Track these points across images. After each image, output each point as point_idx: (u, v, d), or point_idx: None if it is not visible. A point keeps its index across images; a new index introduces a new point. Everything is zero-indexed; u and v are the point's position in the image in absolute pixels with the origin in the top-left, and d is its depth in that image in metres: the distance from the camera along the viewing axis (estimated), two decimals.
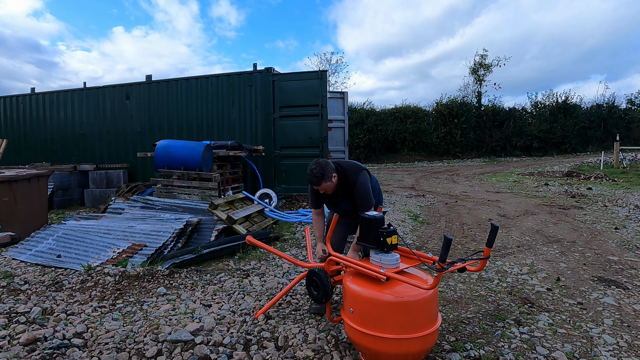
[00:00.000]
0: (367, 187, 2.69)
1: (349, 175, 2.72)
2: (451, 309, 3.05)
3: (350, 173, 2.72)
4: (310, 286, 2.51)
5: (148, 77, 9.21)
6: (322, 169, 2.61)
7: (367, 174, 2.78)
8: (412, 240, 5.22)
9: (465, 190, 10.82)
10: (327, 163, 2.65)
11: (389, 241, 2.13)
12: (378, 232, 2.14)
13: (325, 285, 2.37)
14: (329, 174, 2.64)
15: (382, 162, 24.21)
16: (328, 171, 2.64)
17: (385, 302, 1.96)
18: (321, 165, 2.62)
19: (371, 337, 1.99)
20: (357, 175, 2.70)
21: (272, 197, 7.39)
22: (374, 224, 2.16)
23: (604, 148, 21.14)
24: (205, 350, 2.31)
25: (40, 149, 10.45)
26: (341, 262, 2.35)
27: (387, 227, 2.18)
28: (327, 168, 2.63)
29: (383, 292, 1.98)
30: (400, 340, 1.94)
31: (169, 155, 6.61)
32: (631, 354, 2.37)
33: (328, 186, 2.67)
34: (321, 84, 7.71)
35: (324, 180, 2.63)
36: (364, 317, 2.02)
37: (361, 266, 2.17)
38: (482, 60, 27.04)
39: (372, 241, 2.17)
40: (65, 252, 4.33)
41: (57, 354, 2.28)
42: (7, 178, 5.07)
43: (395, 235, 2.17)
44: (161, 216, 5.29)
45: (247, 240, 3.05)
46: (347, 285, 2.15)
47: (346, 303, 2.17)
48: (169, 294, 3.29)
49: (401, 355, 1.98)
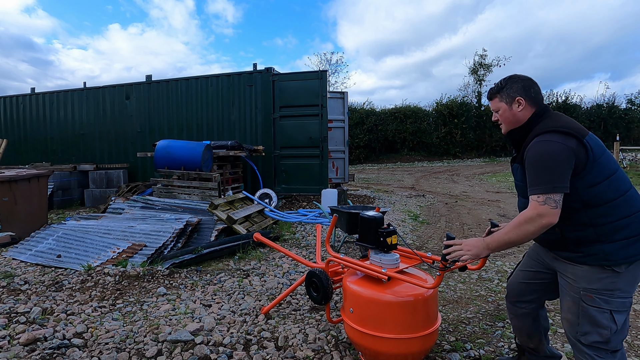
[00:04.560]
0: (548, 155, 1.52)
1: (538, 127, 1.64)
2: (451, 309, 3.05)
3: (542, 126, 1.63)
4: (310, 287, 2.51)
5: (148, 77, 9.22)
6: (506, 80, 1.76)
7: (572, 139, 1.54)
8: (412, 240, 5.22)
9: (465, 190, 10.83)
10: (528, 81, 1.73)
11: (389, 241, 2.12)
12: (378, 232, 2.14)
13: (325, 287, 2.37)
14: (509, 91, 1.73)
15: (382, 162, 24.21)
16: (513, 88, 1.73)
17: (386, 302, 1.96)
18: (511, 77, 1.76)
19: (371, 337, 1.99)
20: (545, 133, 1.58)
21: (272, 197, 7.39)
22: (373, 223, 2.16)
23: None
24: (205, 350, 2.31)
25: (40, 149, 10.46)
26: (341, 262, 2.35)
27: (386, 227, 2.18)
28: (515, 83, 1.73)
29: (383, 292, 1.98)
30: (401, 340, 1.94)
31: (169, 155, 6.61)
32: (631, 354, 2.37)
33: (502, 112, 1.77)
34: (321, 84, 7.71)
35: (498, 96, 1.78)
36: (364, 317, 2.02)
37: (362, 266, 2.17)
38: (481, 60, 27.06)
39: (372, 241, 2.16)
40: (65, 252, 4.33)
41: (57, 354, 2.28)
42: (7, 178, 5.07)
43: (395, 235, 2.17)
44: (161, 216, 5.29)
45: (255, 238, 3.14)
46: (347, 285, 2.15)
47: (346, 303, 2.17)
48: (169, 294, 3.29)
49: (401, 355, 1.99)
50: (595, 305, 1.56)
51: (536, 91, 1.74)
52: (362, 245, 2.24)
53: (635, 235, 1.53)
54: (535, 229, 1.50)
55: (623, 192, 1.55)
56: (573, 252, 1.62)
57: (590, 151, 1.52)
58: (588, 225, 1.56)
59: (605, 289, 1.54)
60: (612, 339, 1.55)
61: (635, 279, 1.57)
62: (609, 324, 1.54)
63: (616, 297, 1.54)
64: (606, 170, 1.54)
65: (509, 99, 1.75)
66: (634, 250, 1.52)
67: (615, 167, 1.57)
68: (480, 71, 27.08)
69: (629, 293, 1.56)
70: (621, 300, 1.54)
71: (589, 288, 1.58)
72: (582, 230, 1.57)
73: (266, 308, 2.88)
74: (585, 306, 1.58)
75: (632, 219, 1.54)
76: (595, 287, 1.56)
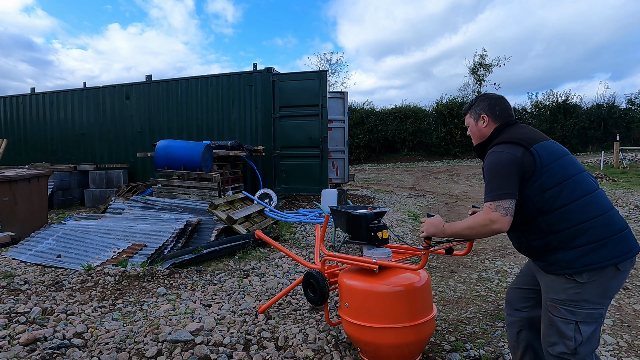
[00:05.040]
0: (496, 165, 1.60)
1: (495, 140, 1.74)
2: (451, 309, 3.05)
3: (497, 139, 1.73)
4: (307, 288, 2.53)
5: (148, 77, 9.22)
6: (477, 98, 1.90)
7: (522, 149, 1.60)
8: (412, 240, 5.22)
9: (465, 190, 10.82)
10: (494, 100, 1.84)
11: (380, 235, 2.19)
12: (368, 228, 2.20)
13: (322, 287, 2.39)
14: (477, 109, 1.86)
15: (382, 162, 24.21)
16: (480, 106, 1.85)
17: (378, 292, 2.00)
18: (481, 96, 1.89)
19: (367, 329, 2.00)
20: (496, 144, 1.69)
21: (272, 197, 7.39)
22: (364, 220, 2.21)
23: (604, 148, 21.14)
24: (205, 350, 2.31)
25: (40, 149, 10.45)
26: (334, 259, 2.39)
27: (376, 222, 2.24)
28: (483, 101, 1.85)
29: (376, 283, 2.03)
30: (395, 330, 1.95)
31: (169, 155, 6.61)
32: (631, 354, 2.37)
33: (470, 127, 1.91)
34: (321, 84, 7.71)
35: (468, 113, 1.91)
36: (359, 310, 2.05)
37: (354, 260, 2.22)
38: (481, 60, 27.06)
39: (363, 237, 2.21)
40: (65, 252, 4.33)
41: (57, 354, 2.28)
42: (7, 178, 5.07)
43: (386, 229, 2.23)
44: (161, 216, 5.29)
45: (256, 235, 3.19)
46: (342, 281, 2.18)
47: (342, 300, 2.19)
48: (169, 294, 3.29)
49: (397, 345, 1.99)
50: (560, 316, 1.55)
51: (502, 109, 1.81)
52: (355, 242, 2.28)
53: (595, 241, 1.50)
54: (486, 233, 1.58)
55: (578, 198, 1.54)
56: (541, 260, 1.63)
57: (538, 158, 1.56)
58: (547, 232, 1.57)
59: (570, 299, 1.53)
60: (578, 350, 1.53)
61: (605, 290, 1.52)
62: (573, 334, 1.52)
63: (582, 309, 1.51)
64: (558, 176, 1.55)
65: (475, 116, 1.86)
66: (596, 258, 1.48)
67: (571, 172, 1.58)
68: (480, 71, 27.11)
69: (598, 305, 1.52)
70: (588, 311, 1.51)
71: (554, 298, 1.58)
72: (543, 238, 1.59)
73: (263, 307, 2.88)
74: (551, 317, 1.59)
75: (591, 224, 1.51)
76: (560, 297, 1.56)
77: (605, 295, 1.53)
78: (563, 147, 1.70)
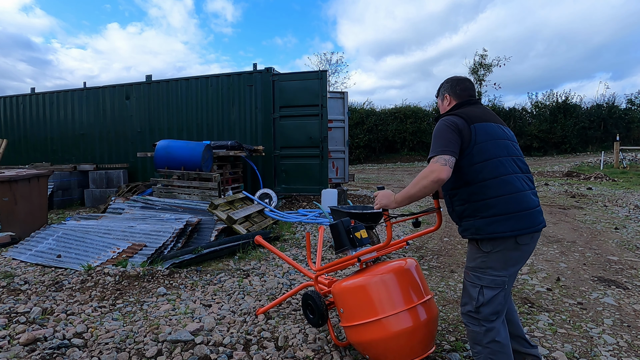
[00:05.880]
0: (439, 131, 1.82)
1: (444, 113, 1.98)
2: (451, 309, 3.05)
3: (450, 111, 1.96)
4: (306, 310, 2.53)
5: (148, 77, 9.22)
6: (444, 81, 2.11)
7: (460, 120, 1.82)
8: (412, 240, 5.22)
9: None
10: (455, 80, 2.06)
11: (358, 235, 2.26)
12: (348, 232, 2.26)
13: (319, 306, 2.39)
14: (442, 90, 2.10)
15: (382, 162, 24.22)
16: (444, 87, 2.09)
17: (364, 285, 2.01)
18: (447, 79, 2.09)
19: (366, 326, 1.96)
20: (447, 114, 1.91)
21: (272, 197, 7.39)
22: (341, 226, 2.26)
23: (604, 148, 21.15)
24: (205, 350, 2.31)
25: (40, 149, 10.46)
26: (322, 270, 2.45)
27: (352, 223, 2.32)
28: (447, 83, 2.08)
29: (361, 276, 2.07)
30: (394, 317, 1.91)
31: (169, 155, 6.62)
32: (631, 354, 2.37)
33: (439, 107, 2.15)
34: (321, 84, 7.71)
35: (438, 95, 2.16)
36: (353, 309, 2.03)
37: (339, 262, 2.31)
38: (481, 60, 27.07)
39: (345, 242, 2.25)
40: (65, 252, 4.33)
41: (57, 354, 2.28)
42: (7, 178, 5.07)
43: (363, 229, 2.31)
44: (161, 216, 5.29)
45: (255, 240, 3.17)
46: (334, 290, 2.18)
47: (338, 309, 2.17)
48: (169, 294, 3.29)
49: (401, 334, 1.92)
50: (470, 281, 1.85)
51: (462, 88, 2.03)
52: (340, 251, 2.30)
53: (501, 214, 1.72)
54: (428, 183, 1.70)
55: (497, 176, 1.75)
56: (459, 225, 1.90)
57: (474, 135, 1.78)
58: (466, 200, 1.82)
59: (478, 267, 1.82)
60: (481, 310, 1.80)
61: (507, 260, 1.76)
62: (477, 296, 1.80)
63: (487, 275, 1.79)
64: (486, 154, 1.77)
65: (441, 97, 2.12)
66: (499, 228, 1.72)
67: (499, 154, 1.79)
68: (481, 71, 27.11)
69: (502, 272, 1.77)
70: (491, 277, 1.78)
71: (468, 266, 1.88)
72: (462, 205, 1.85)
73: (261, 310, 2.87)
74: (465, 282, 1.90)
75: (501, 199, 1.73)
76: (471, 265, 1.86)
77: (507, 264, 1.77)
78: (506, 133, 1.89)
